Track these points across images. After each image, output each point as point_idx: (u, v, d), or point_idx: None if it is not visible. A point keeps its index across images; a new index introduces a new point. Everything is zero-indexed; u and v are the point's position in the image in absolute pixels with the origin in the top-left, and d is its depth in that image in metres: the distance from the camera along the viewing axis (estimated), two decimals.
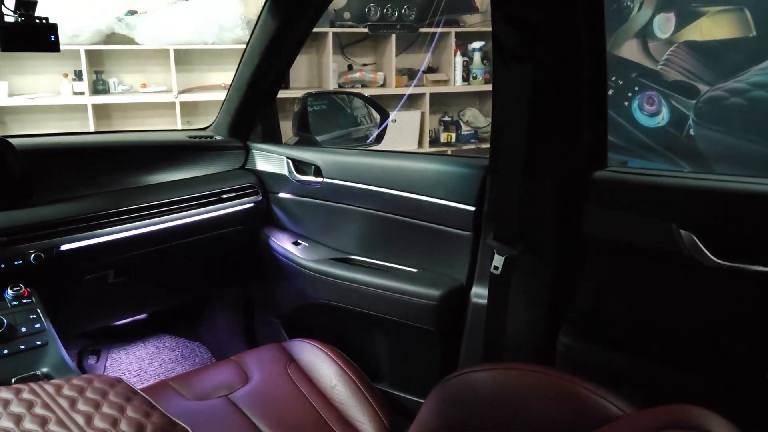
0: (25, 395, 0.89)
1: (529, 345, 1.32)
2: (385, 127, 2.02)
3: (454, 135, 4.71)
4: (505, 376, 1.12)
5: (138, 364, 2.04)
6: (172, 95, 3.82)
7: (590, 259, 1.25)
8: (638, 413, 0.91)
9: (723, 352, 1.11)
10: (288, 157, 1.80)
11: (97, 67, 3.83)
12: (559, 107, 1.20)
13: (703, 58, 3.25)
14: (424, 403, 1.22)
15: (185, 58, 3.95)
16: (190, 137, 1.87)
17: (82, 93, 3.70)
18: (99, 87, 3.80)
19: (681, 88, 3.33)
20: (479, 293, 1.40)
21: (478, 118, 4.74)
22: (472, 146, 4.68)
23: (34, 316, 1.32)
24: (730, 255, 1.04)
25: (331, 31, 4.10)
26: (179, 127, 3.87)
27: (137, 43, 3.72)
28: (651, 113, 3.46)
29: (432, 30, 4.39)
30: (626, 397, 0.97)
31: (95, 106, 3.75)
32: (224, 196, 1.77)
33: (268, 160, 1.86)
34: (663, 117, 3.42)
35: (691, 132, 3.31)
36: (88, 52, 3.64)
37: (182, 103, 3.86)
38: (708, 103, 3.23)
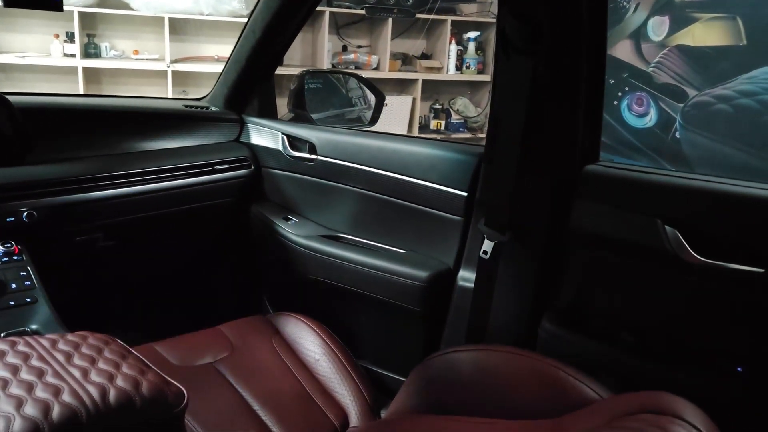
0: (21, 347, 0.91)
1: (511, 329, 1.36)
2: (381, 109, 2.04)
3: (443, 123, 4.74)
4: (486, 357, 1.15)
5: (122, 329, 2.04)
6: (164, 64, 3.78)
7: (576, 250, 1.29)
8: (614, 398, 0.95)
9: (698, 346, 1.16)
10: (283, 133, 1.81)
11: (90, 30, 3.78)
12: (558, 101, 1.23)
13: (694, 63, 3.30)
14: (406, 380, 1.25)
15: (180, 28, 3.92)
16: (186, 106, 1.87)
17: (72, 55, 3.66)
18: (90, 50, 3.75)
19: (670, 91, 3.38)
20: (466, 277, 1.43)
21: (468, 108, 4.77)
22: (461, 135, 4.71)
23: (24, 274, 1.32)
24: (711, 253, 1.08)
25: (328, 10, 4.09)
26: (170, 96, 3.84)
27: (132, 9, 3.67)
28: (639, 114, 3.51)
29: (429, 17, 4.39)
30: (604, 383, 1.01)
31: (85, 70, 3.71)
32: (217, 167, 1.78)
33: (263, 135, 1.87)
34: (651, 118, 3.47)
35: (677, 135, 3.37)
36: (82, 14, 3.59)
37: (173, 73, 3.83)
38: (695, 107, 3.29)
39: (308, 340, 1.53)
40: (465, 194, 1.44)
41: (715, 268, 1.08)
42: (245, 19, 1.77)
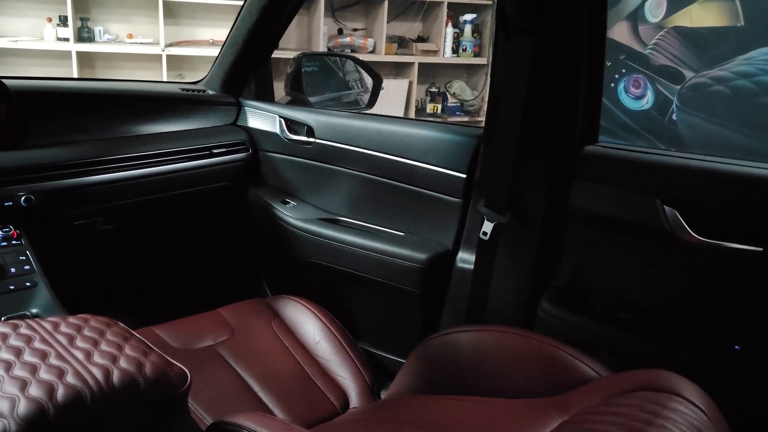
0: (23, 330, 0.91)
1: (510, 309, 1.36)
2: (378, 92, 2.03)
3: (440, 106, 4.73)
4: (485, 337, 1.16)
5: (119, 313, 2.05)
6: (159, 48, 3.76)
7: (575, 230, 1.29)
8: (613, 376, 0.96)
9: (696, 324, 1.17)
10: (280, 116, 1.81)
11: (83, 13, 3.75)
12: (558, 81, 1.23)
13: (691, 45, 3.29)
14: (405, 361, 1.26)
15: (174, 11, 3.89)
16: (183, 90, 1.86)
17: (66, 39, 3.63)
18: (84, 34, 3.72)
19: (667, 73, 3.37)
20: (465, 258, 1.44)
21: (465, 91, 4.75)
22: (458, 119, 4.70)
23: (24, 258, 1.32)
24: (710, 232, 1.09)
25: None
26: (165, 80, 3.82)
27: None
28: (636, 96, 3.51)
29: None
30: (602, 362, 1.02)
31: (79, 54, 3.68)
32: (214, 150, 1.78)
33: (260, 118, 1.86)
34: (648, 100, 3.47)
35: (674, 117, 3.37)
36: None
37: (168, 57, 3.81)
38: (692, 89, 3.29)
39: (308, 323, 1.54)
40: (464, 176, 1.44)
41: (713, 247, 1.08)
42: (240, 2, 1.76)
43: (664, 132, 3.40)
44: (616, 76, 3.55)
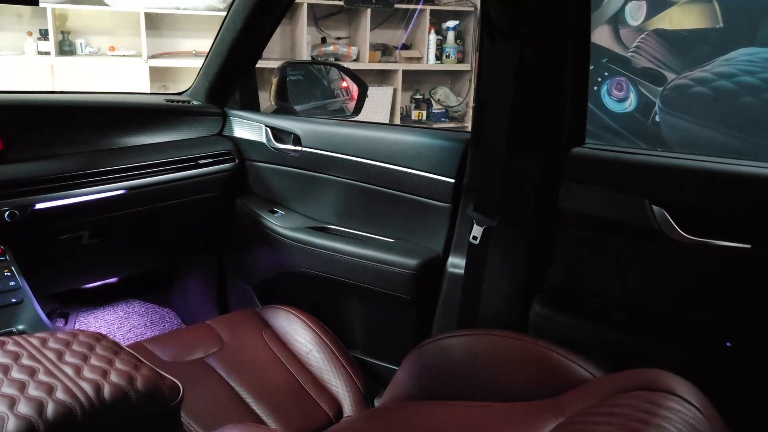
0: (10, 347, 0.90)
1: (503, 313, 1.36)
2: (364, 100, 2.03)
3: (425, 113, 4.74)
4: (479, 341, 1.15)
5: (107, 328, 2.03)
6: (141, 60, 3.74)
7: (565, 232, 1.30)
8: (608, 376, 0.96)
9: (688, 323, 1.18)
10: (266, 125, 1.80)
11: (64, 27, 3.72)
12: (544, 85, 1.23)
13: (672, 47, 3.33)
14: (399, 368, 1.26)
15: (156, 23, 3.87)
16: (167, 101, 1.85)
17: (47, 53, 3.60)
18: (65, 48, 3.69)
19: (649, 75, 3.41)
20: (456, 263, 1.43)
21: (449, 97, 4.77)
22: (443, 125, 4.72)
23: (9, 274, 1.30)
24: (698, 230, 1.10)
25: (306, 1, 4.06)
26: (149, 92, 3.80)
27: (106, 5, 3.62)
28: (619, 99, 3.54)
29: (407, 6, 4.38)
30: (596, 363, 1.02)
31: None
32: (201, 161, 1.76)
33: (246, 128, 1.85)
34: (631, 103, 3.50)
35: (657, 119, 3.40)
36: (55, 11, 3.53)
37: (151, 69, 3.79)
38: (674, 90, 3.32)
39: (299, 332, 1.53)
40: (452, 181, 1.44)
41: (702, 245, 1.09)
42: (222, 13, 1.75)
43: (648, 133, 3.43)
44: (599, 79, 3.58)
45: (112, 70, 3.76)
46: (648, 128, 3.44)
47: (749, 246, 1.05)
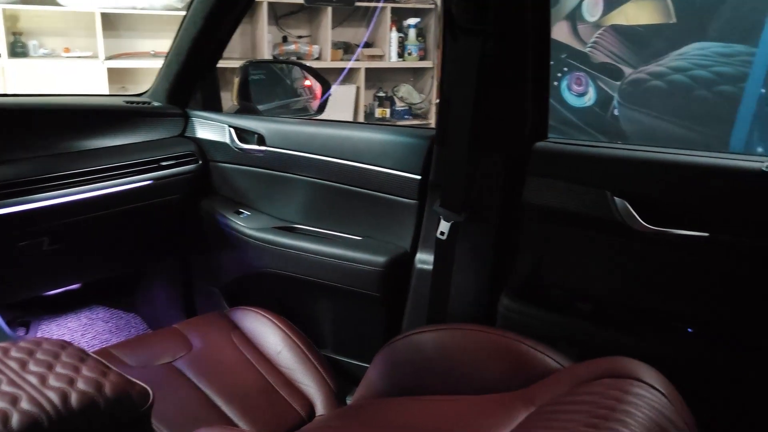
0: None
1: (471, 307, 1.38)
2: (327, 98, 2.02)
3: (388, 111, 4.75)
4: (449, 336, 1.17)
5: (70, 335, 1.98)
6: (98, 61, 3.65)
7: (531, 226, 1.32)
8: (576, 365, 0.98)
9: (651, 310, 1.21)
10: (230, 125, 1.78)
11: (16, 28, 3.61)
12: (506, 80, 1.25)
13: (628, 42, 3.40)
14: (370, 365, 1.26)
15: (113, 23, 3.79)
16: (127, 102, 1.81)
17: None
18: (18, 49, 3.59)
19: (607, 70, 3.48)
20: (424, 259, 1.44)
21: (412, 95, 4.79)
22: (406, 122, 4.73)
23: None
24: (659, 220, 1.13)
25: (266, 0, 4.03)
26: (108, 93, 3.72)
27: (60, 5, 3.53)
28: (579, 93, 3.60)
29: (368, 4, 4.38)
30: (564, 353, 1.04)
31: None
32: (163, 163, 1.74)
33: (209, 128, 1.83)
34: (590, 97, 3.56)
35: (616, 112, 3.48)
36: (6, 12, 3.43)
37: (109, 70, 3.71)
38: (631, 85, 3.40)
39: (268, 333, 1.52)
40: (419, 177, 1.45)
41: (663, 234, 1.12)
42: (180, 13, 1.73)
43: (607, 127, 3.51)
44: (559, 74, 3.64)
45: (68, 72, 3.67)
46: (607, 122, 3.51)
47: (707, 234, 1.09)
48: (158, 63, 1.86)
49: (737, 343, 1.12)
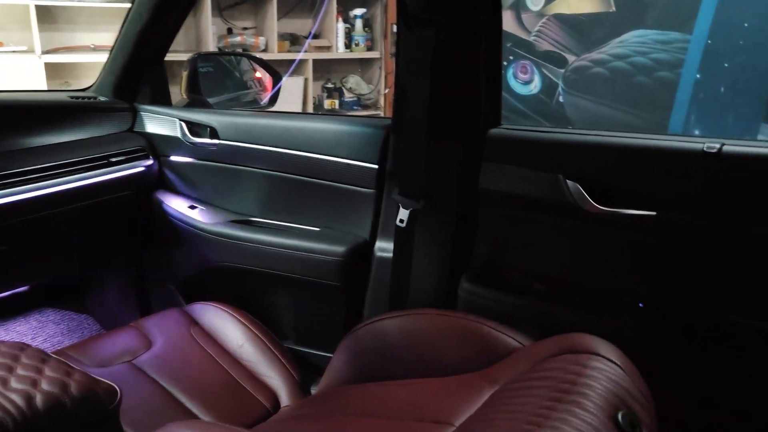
0: None
1: (432, 293, 1.40)
2: (279, 89, 2.01)
3: (337, 102, 4.73)
4: (412, 321, 1.19)
5: (19, 339, 1.92)
6: (35, 55, 3.52)
7: (488, 211, 1.35)
8: (536, 344, 1.01)
9: (605, 288, 1.26)
10: (180, 119, 1.75)
11: None
12: (459, 69, 1.27)
13: (571, 30, 3.49)
14: (333, 354, 1.27)
15: (50, 16, 3.65)
16: (72, 98, 1.76)
17: None
18: None
19: (551, 58, 3.56)
20: (383, 247, 1.46)
21: (360, 85, 4.78)
22: (356, 113, 4.73)
23: None
24: (610, 202, 1.17)
25: None
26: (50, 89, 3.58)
27: None
28: (525, 81, 3.68)
29: None
30: (524, 332, 1.07)
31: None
32: (112, 159, 1.70)
33: (159, 123, 1.79)
34: (536, 85, 3.64)
35: (561, 99, 3.57)
36: None
37: (46, 65, 3.57)
38: (575, 72, 3.49)
39: (229, 327, 1.51)
40: (375, 166, 1.46)
41: (614, 215, 1.17)
42: (120, 5, 1.69)
43: (553, 114, 3.60)
44: (505, 63, 3.71)
45: (2, 67, 3.52)
46: (553, 109, 3.60)
47: (654, 213, 1.14)
48: (99, 57, 1.81)
49: (686, 316, 1.18)
